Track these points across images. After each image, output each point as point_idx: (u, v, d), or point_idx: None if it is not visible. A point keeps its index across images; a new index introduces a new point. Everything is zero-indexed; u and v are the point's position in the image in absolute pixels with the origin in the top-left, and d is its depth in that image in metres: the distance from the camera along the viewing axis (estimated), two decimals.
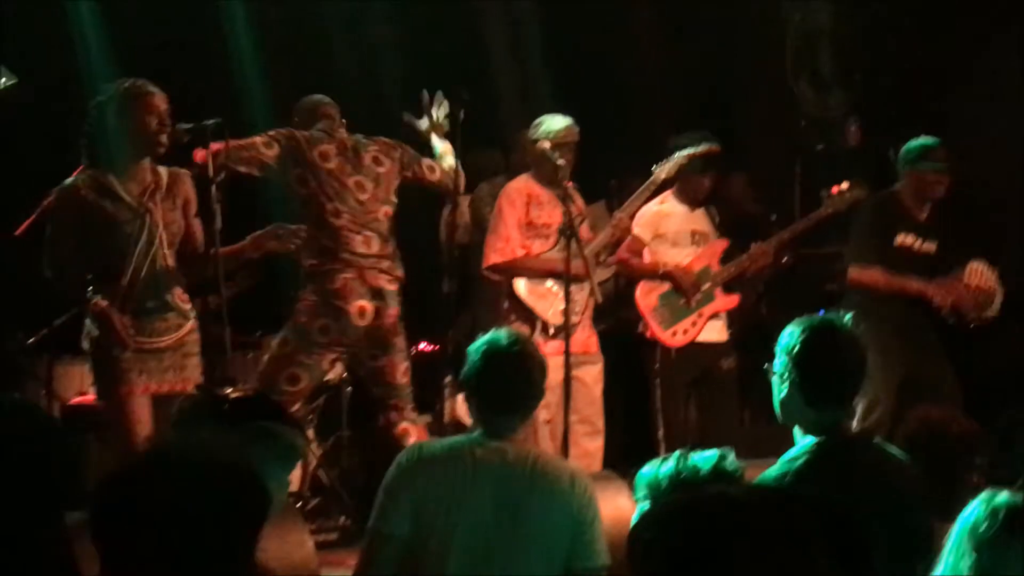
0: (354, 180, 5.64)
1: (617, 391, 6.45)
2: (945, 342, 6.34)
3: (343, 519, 6.45)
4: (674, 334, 6.41)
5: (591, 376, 6.17)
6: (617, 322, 6.77)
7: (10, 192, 5.73)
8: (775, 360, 3.30)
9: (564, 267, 5.68)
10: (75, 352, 5.90)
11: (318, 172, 5.59)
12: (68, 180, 5.05)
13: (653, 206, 6.47)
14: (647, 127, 7.54)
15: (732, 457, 3.28)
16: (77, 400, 6.63)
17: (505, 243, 6.12)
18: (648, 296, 6.44)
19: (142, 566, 2.00)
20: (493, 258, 6.14)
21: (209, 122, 5.09)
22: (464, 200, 7.09)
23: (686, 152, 6.26)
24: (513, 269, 6.11)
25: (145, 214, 5.02)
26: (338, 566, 5.18)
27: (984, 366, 6.67)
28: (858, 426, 5.74)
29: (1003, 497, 2.34)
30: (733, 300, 6.58)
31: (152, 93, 5.03)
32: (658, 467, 3.22)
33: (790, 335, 3.26)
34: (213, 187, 5.04)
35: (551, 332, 5.99)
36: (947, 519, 2.47)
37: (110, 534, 2.03)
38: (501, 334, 3.67)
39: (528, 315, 6.07)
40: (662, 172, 6.23)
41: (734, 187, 7.59)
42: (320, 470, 6.72)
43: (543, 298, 6.06)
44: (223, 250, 5.10)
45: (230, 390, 5.51)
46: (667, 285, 6.44)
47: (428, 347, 7.26)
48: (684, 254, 6.51)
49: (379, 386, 5.72)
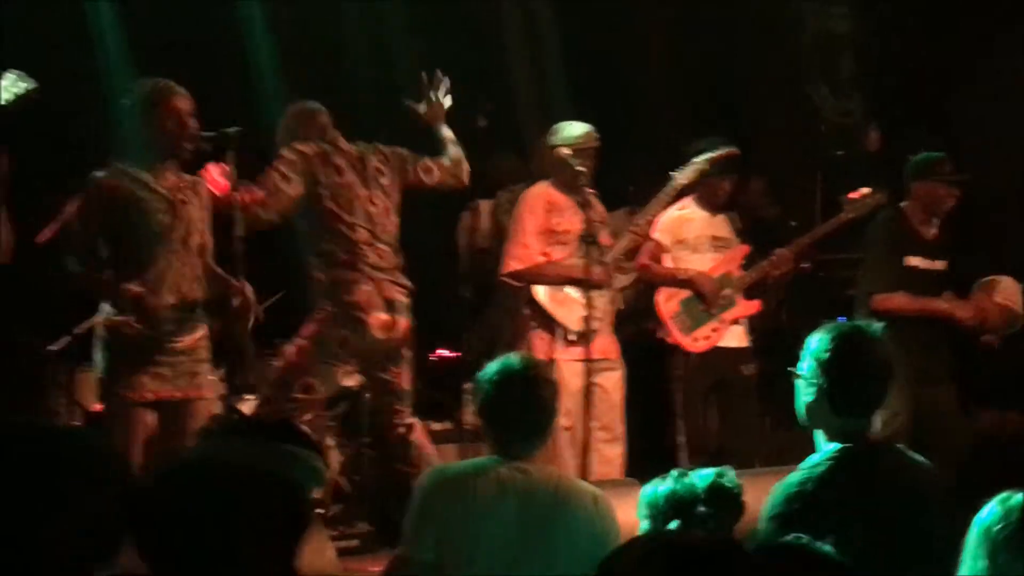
0: (366, 193, 5.65)
1: (638, 397, 6.44)
2: (956, 350, 6.34)
3: (364, 526, 6.45)
4: (695, 340, 6.40)
5: (611, 382, 6.15)
6: (638, 333, 6.75)
7: (22, 197, 5.73)
8: (801, 363, 3.28)
9: (584, 273, 5.68)
10: None
11: (334, 188, 5.59)
12: (98, 172, 5.01)
13: (674, 211, 6.45)
14: (666, 133, 7.54)
15: (731, 475, 3.28)
16: (99, 407, 6.62)
17: (525, 250, 6.11)
18: (669, 302, 6.43)
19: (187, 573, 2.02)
20: (513, 265, 6.13)
21: (230, 130, 5.09)
22: (484, 206, 7.08)
23: (705, 157, 6.25)
24: (533, 276, 6.10)
25: (179, 205, 5.02)
26: (359, 573, 5.19)
27: (990, 370, 6.65)
28: (879, 434, 5.71)
29: (1018, 498, 2.34)
30: (754, 305, 6.56)
31: (174, 95, 4.99)
32: (657, 486, 3.23)
33: (820, 341, 3.24)
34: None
35: (572, 338, 5.99)
36: None
37: (155, 541, 2.04)
38: (513, 359, 3.69)
39: (548, 322, 6.05)
40: (682, 177, 6.21)
41: (753, 193, 7.58)
42: (341, 477, 6.71)
43: (563, 305, 6.05)
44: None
45: (251, 398, 5.52)
46: (688, 291, 6.44)
47: (447, 353, 7.26)
48: (705, 260, 6.49)
49: (386, 395, 5.75)
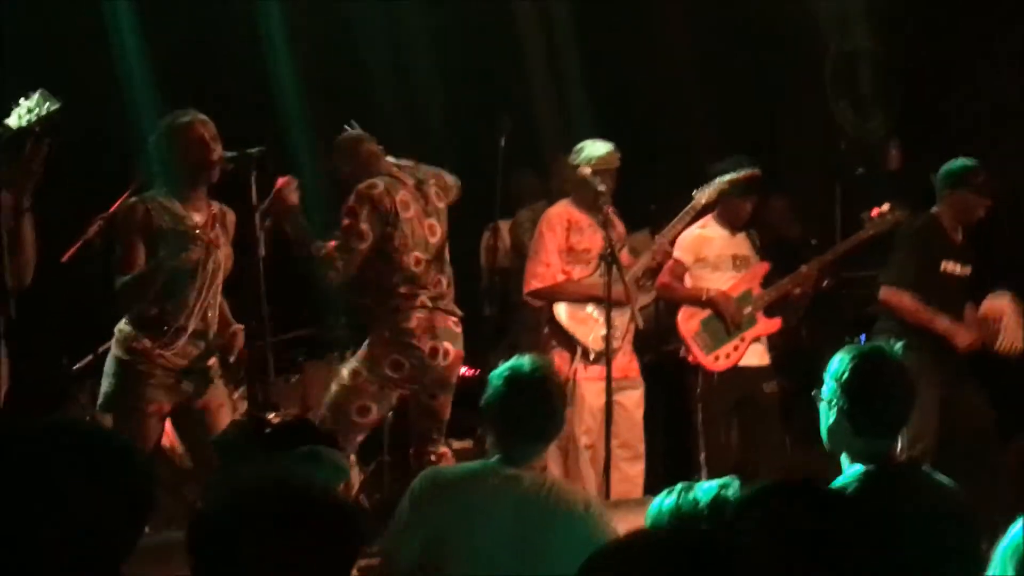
0: (428, 223, 5.61)
1: (659, 415, 6.43)
2: (975, 363, 6.30)
3: None
4: (716, 358, 6.38)
5: (632, 401, 6.16)
6: (658, 356, 6.75)
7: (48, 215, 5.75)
8: (823, 386, 3.27)
9: (605, 292, 5.69)
10: None
11: (400, 223, 5.49)
12: (132, 199, 5.13)
13: (695, 230, 6.45)
14: (687, 152, 7.53)
15: (736, 486, 3.25)
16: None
17: (545, 268, 6.13)
18: (690, 321, 6.42)
19: None
20: (533, 284, 6.14)
21: (252, 151, 5.12)
22: (505, 225, 7.10)
23: (727, 177, 6.26)
24: (553, 294, 6.11)
25: (210, 245, 5.08)
26: None
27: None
28: (904, 456, 5.68)
29: None
30: (775, 324, 6.55)
31: (192, 123, 5.04)
32: (662, 502, 3.22)
33: (840, 362, 3.23)
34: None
35: (592, 357, 5.99)
36: None
37: (212, 568, 2.06)
38: (523, 361, 3.67)
39: (569, 340, 6.06)
40: (703, 197, 6.22)
41: (774, 210, 7.57)
42: (362, 495, 6.72)
43: (584, 323, 6.06)
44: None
45: (273, 415, 5.54)
46: (709, 310, 6.43)
47: (469, 372, 7.26)
48: (725, 278, 6.48)
49: (429, 419, 5.70)
